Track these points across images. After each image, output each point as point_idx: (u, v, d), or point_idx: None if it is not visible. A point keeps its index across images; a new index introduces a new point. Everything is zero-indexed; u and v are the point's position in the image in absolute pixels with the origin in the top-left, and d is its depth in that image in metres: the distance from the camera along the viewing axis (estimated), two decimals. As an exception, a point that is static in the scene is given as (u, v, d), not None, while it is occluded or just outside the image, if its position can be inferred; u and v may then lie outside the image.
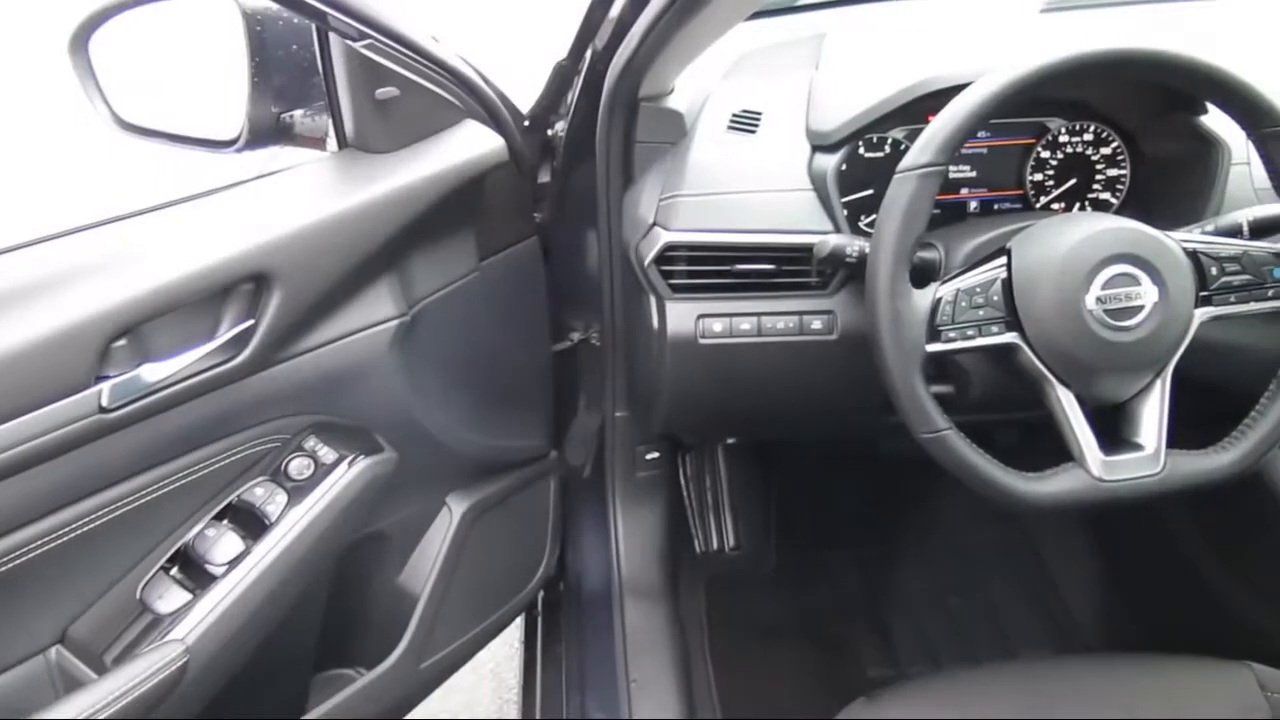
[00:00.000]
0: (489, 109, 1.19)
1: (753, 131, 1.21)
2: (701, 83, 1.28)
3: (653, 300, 1.18)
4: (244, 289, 1.00)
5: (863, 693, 1.06)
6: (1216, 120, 1.16)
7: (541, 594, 1.73)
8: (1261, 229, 1.07)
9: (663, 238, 1.14)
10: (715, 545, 1.84)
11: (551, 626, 1.73)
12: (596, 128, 1.23)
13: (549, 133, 1.39)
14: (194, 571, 1.04)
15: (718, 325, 1.16)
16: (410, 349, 1.16)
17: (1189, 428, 1.05)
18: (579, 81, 1.29)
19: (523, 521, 1.52)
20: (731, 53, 1.34)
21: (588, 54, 1.25)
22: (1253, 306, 1.01)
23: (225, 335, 0.99)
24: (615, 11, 1.14)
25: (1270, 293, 1.01)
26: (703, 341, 1.16)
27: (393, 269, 1.13)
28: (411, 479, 1.23)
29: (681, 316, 1.16)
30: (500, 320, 1.33)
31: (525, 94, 1.34)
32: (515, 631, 1.86)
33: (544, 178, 1.41)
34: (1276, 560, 1.32)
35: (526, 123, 1.32)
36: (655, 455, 1.60)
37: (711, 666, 1.65)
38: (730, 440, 1.80)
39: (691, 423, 1.39)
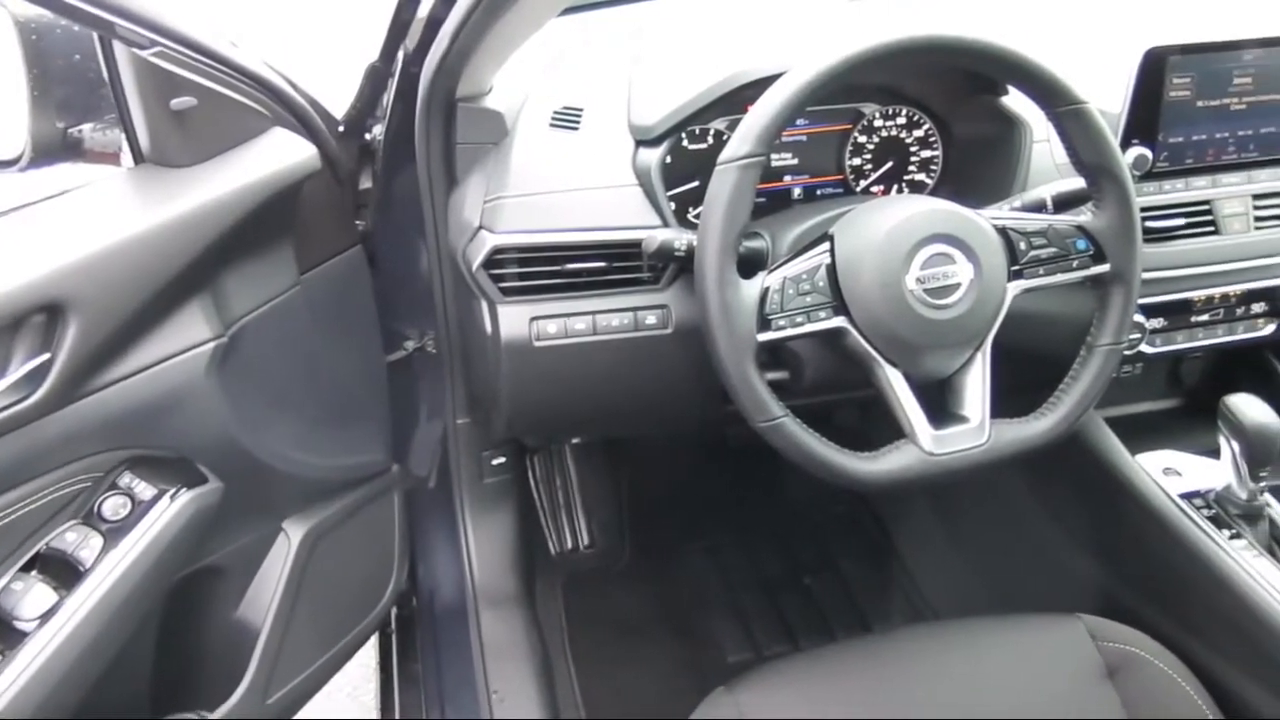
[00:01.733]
0: (298, 115, 1.13)
1: (575, 128, 1.20)
2: (520, 80, 1.25)
3: (484, 305, 1.15)
4: (35, 321, 0.92)
5: (725, 680, 1.07)
6: (1018, 100, 1.21)
7: (394, 611, 1.68)
8: (1064, 202, 1.13)
9: (490, 241, 1.12)
10: (570, 545, 1.83)
11: (407, 644, 1.69)
12: (415, 131, 1.20)
13: (367, 137, 1.34)
14: (1, 630, 0.96)
15: (552, 326, 1.14)
16: (230, 372, 1.10)
17: (1012, 396, 1.09)
18: (393, 84, 1.25)
19: (368, 539, 1.47)
20: (549, 49, 1.32)
21: (400, 55, 1.21)
22: (1059, 278, 1.06)
23: (17, 372, 0.91)
24: (424, 11, 1.11)
25: (1075, 264, 1.06)
26: (538, 344, 1.14)
27: (205, 289, 1.06)
28: (242, 508, 1.17)
29: (514, 320, 1.14)
30: (327, 334, 1.27)
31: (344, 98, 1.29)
32: (370, 652, 1.80)
33: (365, 184, 1.37)
34: (1097, 515, 1.39)
35: (341, 128, 1.27)
36: (502, 460, 1.57)
37: (573, 668, 1.64)
38: (577, 440, 1.78)
39: (534, 426, 1.37)
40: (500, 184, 1.15)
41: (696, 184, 1.23)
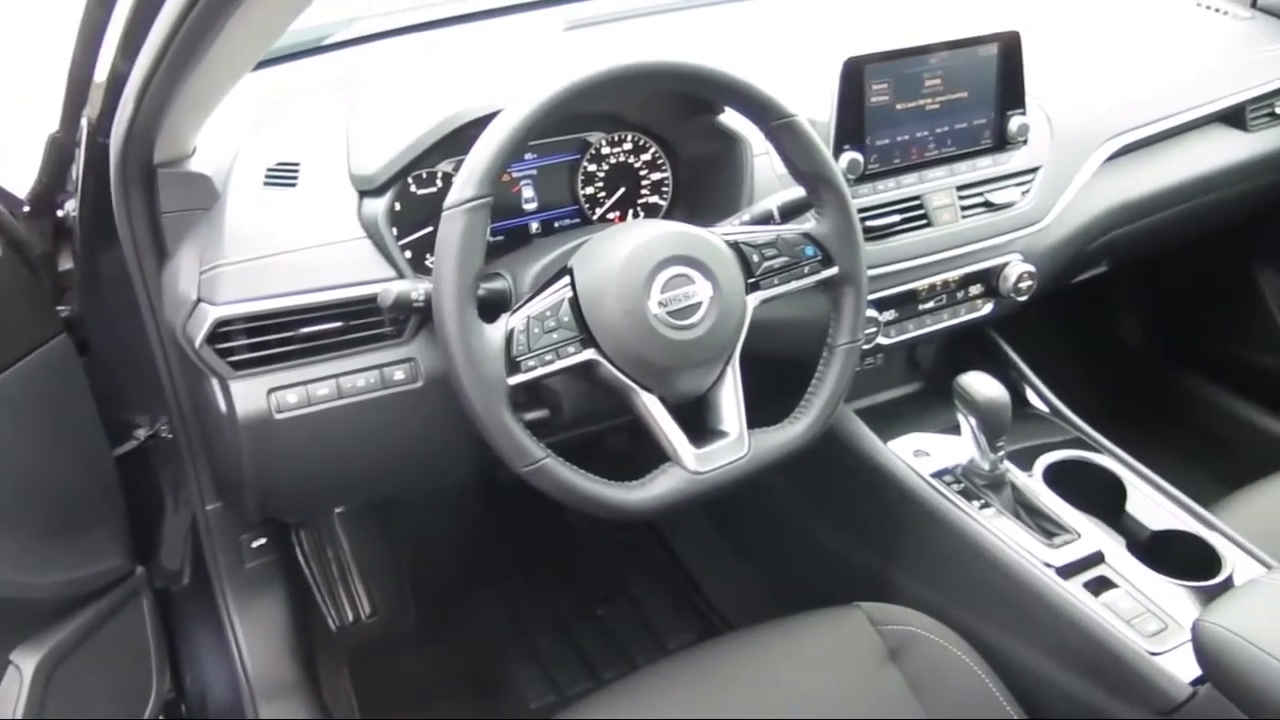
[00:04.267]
0: (-32, 199, 1.02)
1: (292, 184, 1.13)
2: (227, 139, 1.17)
3: (215, 383, 1.06)
4: None
5: None
6: (736, 118, 1.24)
7: (161, 723, 1.54)
8: (789, 211, 1.16)
9: (211, 314, 1.03)
10: (351, 617, 1.74)
11: (180, 757, 1.54)
12: (113, 203, 1.09)
13: (60, 214, 1.22)
14: None
15: (293, 396, 1.07)
16: None
17: (770, 402, 1.12)
18: (80, 154, 1.14)
19: (118, 653, 1.33)
20: (257, 102, 1.25)
21: (83, 122, 1.11)
22: (793, 285, 1.09)
23: None
24: (103, 74, 1.02)
25: (806, 270, 1.10)
26: (279, 416, 1.07)
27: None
28: None
29: (250, 394, 1.06)
30: (36, 437, 1.14)
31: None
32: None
33: (65, 265, 1.24)
34: (861, 504, 1.45)
35: (27, 208, 1.15)
36: (262, 541, 1.47)
37: (370, 748, 1.56)
38: (341, 508, 1.70)
39: (290, 502, 1.28)
40: (216, 251, 1.07)
41: (430, 229, 1.19)
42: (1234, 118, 1.68)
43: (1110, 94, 1.57)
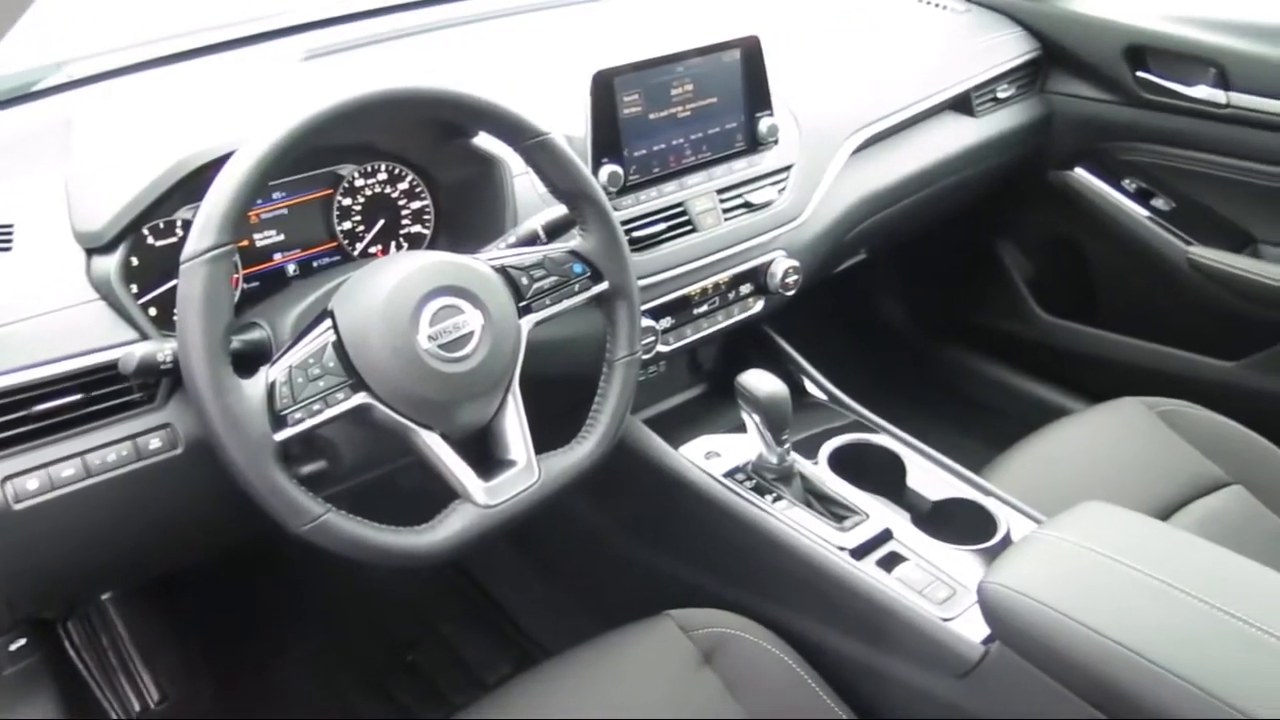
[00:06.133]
0: None
1: (7, 248, 1.02)
2: (-78, 204, 1.05)
3: None
4: None
5: None
6: (491, 140, 1.22)
7: None
8: (554, 230, 1.15)
9: None
10: (138, 707, 1.60)
11: None
12: None
13: None
14: None
15: (33, 482, 0.96)
16: None
17: (561, 422, 1.10)
18: None
19: None
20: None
21: None
22: (566, 304, 1.08)
23: None
24: None
25: (577, 287, 1.09)
26: (19, 507, 0.96)
27: None
28: None
29: None
30: None
31: None
32: None
33: None
34: (661, 513, 1.46)
35: None
36: (22, 643, 1.33)
37: None
38: (108, 594, 1.56)
39: (44, 598, 1.16)
40: None
41: (176, 283, 1.10)
42: (962, 105, 1.80)
43: (850, 90, 1.64)
